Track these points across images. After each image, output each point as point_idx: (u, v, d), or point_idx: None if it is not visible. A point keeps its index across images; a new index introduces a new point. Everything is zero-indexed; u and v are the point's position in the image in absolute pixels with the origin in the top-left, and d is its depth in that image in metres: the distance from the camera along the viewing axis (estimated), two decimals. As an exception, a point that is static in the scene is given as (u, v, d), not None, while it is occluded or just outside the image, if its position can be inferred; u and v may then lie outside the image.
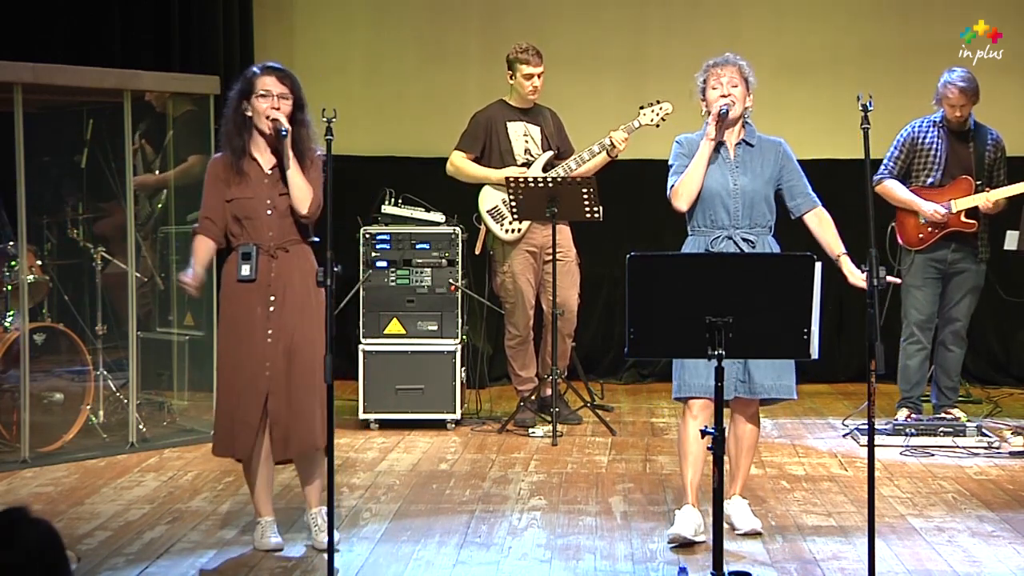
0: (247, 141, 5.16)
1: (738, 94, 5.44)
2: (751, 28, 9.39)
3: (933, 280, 7.62)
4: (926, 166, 7.57)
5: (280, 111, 5.09)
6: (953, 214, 7.49)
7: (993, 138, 7.61)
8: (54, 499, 6.14)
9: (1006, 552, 5.28)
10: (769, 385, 5.36)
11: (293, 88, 5.14)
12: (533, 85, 7.81)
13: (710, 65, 5.51)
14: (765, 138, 5.54)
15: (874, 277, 4.61)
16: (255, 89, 5.13)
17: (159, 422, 7.69)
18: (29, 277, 7.09)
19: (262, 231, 5.14)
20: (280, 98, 5.11)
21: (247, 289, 5.13)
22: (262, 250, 5.13)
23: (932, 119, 7.60)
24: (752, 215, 5.39)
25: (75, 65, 7.36)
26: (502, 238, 7.84)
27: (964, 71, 7.51)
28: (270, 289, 5.13)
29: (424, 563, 5.15)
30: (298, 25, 9.55)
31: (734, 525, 5.45)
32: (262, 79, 5.14)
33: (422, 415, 7.78)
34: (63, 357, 7.33)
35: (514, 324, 7.93)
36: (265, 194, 5.14)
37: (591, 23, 9.37)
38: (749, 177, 5.41)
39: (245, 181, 5.14)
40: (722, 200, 5.38)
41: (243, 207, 5.14)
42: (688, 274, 4.46)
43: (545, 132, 7.92)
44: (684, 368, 5.37)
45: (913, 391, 7.70)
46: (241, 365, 5.13)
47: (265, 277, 5.13)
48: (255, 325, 5.12)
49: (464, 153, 7.93)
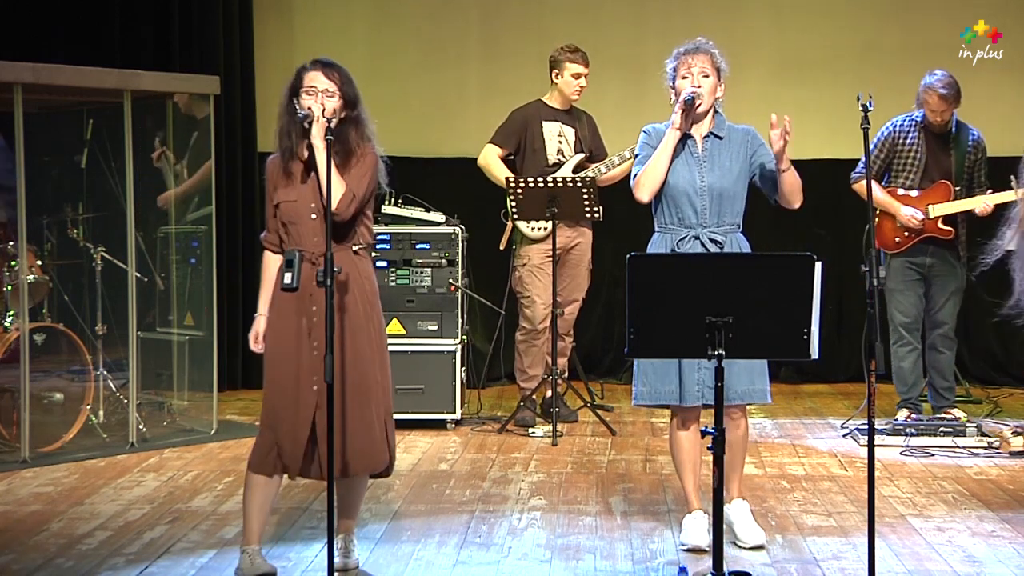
0: (296, 142, 4.85)
1: (708, 85, 5.22)
2: (751, 27, 9.39)
3: (914, 282, 7.59)
4: (905, 167, 7.53)
5: (320, 105, 4.78)
6: (930, 220, 7.46)
7: (974, 139, 7.56)
8: (54, 499, 6.14)
9: (1006, 552, 5.28)
10: (742, 390, 5.19)
11: (341, 83, 4.84)
12: (580, 85, 7.83)
13: (680, 52, 5.28)
14: (735, 128, 5.32)
15: (874, 277, 4.61)
16: (302, 85, 4.83)
17: (159, 422, 7.70)
18: (29, 277, 7.09)
19: (306, 236, 4.83)
20: (325, 94, 4.81)
21: (289, 299, 4.83)
22: (305, 257, 4.82)
23: (914, 118, 7.54)
24: (720, 212, 5.20)
25: (75, 65, 7.36)
26: (529, 235, 7.85)
27: (944, 74, 7.43)
28: (312, 299, 4.80)
29: (424, 563, 5.15)
30: (298, 25, 9.55)
31: (737, 536, 5.28)
32: (309, 74, 4.84)
33: (422, 415, 7.79)
34: (63, 357, 7.33)
35: (527, 318, 7.92)
36: (309, 197, 4.83)
37: (591, 22, 9.37)
38: (718, 173, 5.21)
39: (291, 184, 4.86)
40: (689, 198, 5.19)
41: (287, 211, 4.85)
42: (688, 274, 4.46)
43: (579, 134, 7.94)
44: (650, 374, 5.22)
45: (911, 392, 7.70)
46: (289, 380, 4.83)
47: (307, 286, 4.79)
48: (299, 337, 4.83)
49: (497, 147, 7.93)
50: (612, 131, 8.18)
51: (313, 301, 4.81)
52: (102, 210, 7.83)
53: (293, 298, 4.83)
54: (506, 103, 8.21)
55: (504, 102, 8.32)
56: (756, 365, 5.22)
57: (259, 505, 4.90)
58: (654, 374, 5.24)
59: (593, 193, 7.55)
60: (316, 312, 4.81)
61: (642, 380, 5.28)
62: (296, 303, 4.84)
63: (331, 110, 4.80)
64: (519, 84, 8.70)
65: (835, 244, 8.93)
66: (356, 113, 4.87)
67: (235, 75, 9.20)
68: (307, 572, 5.06)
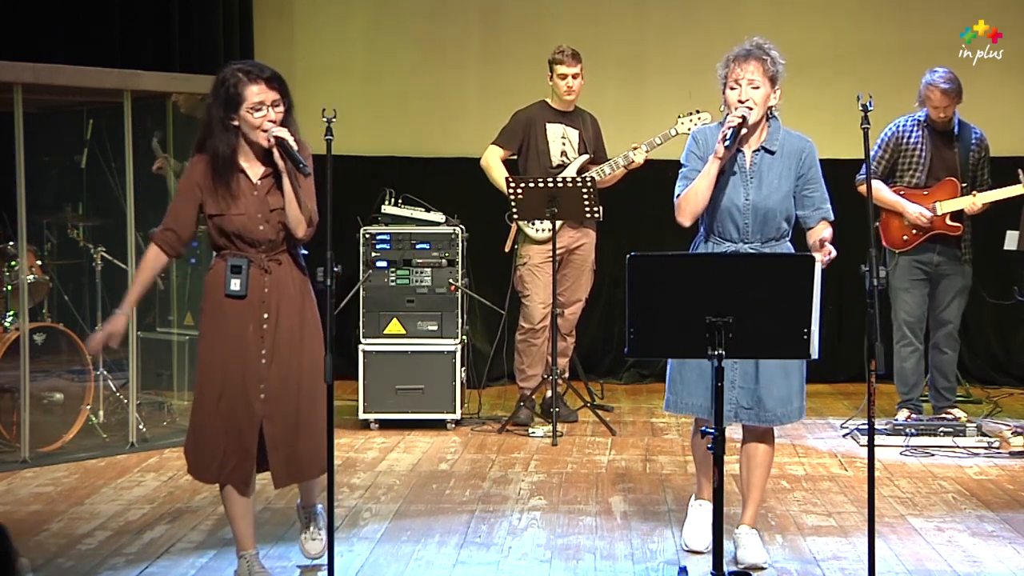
0: (235, 153, 4.70)
1: (758, 97, 4.93)
2: (751, 27, 9.31)
3: (920, 281, 7.59)
4: (910, 166, 7.54)
5: (276, 123, 4.66)
6: (938, 217, 7.46)
7: (977, 137, 7.56)
8: (54, 499, 6.14)
9: (1006, 552, 5.28)
10: (780, 412, 5.04)
11: (283, 91, 4.71)
12: (567, 85, 7.82)
13: (731, 59, 4.98)
14: (790, 138, 5.07)
15: (874, 277, 4.60)
16: (244, 100, 4.65)
17: (159, 422, 7.70)
18: (29, 277, 7.09)
19: (255, 246, 4.73)
20: (272, 107, 4.67)
21: (236, 306, 4.70)
22: (254, 264, 4.71)
23: (916, 118, 7.55)
24: (764, 230, 5.02)
25: (75, 65, 7.36)
26: (533, 237, 7.84)
27: (946, 71, 7.44)
28: (264, 306, 4.71)
29: (424, 563, 5.15)
30: (298, 25, 9.55)
31: (736, 557, 5.08)
32: (250, 88, 4.65)
33: (422, 415, 7.78)
34: (63, 357, 7.33)
35: (527, 317, 7.92)
36: (256, 209, 4.70)
37: (591, 22, 9.37)
38: (764, 192, 4.99)
39: (234, 196, 4.69)
40: (731, 215, 5.01)
41: (233, 223, 4.70)
42: (688, 274, 4.45)
43: (583, 136, 7.94)
44: (679, 384, 5.11)
45: (912, 392, 7.69)
46: (235, 388, 4.70)
47: (258, 293, 4.71)
48: (247, 344, 4.71)
49: (500, 149, 7.93)
50: (612, 131, 8.18)
51: (265, 308, 4.73)
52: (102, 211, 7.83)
53: (241, 305, 4.71)
54: (506, 103, 8.21)
55: (504, 102, 8.33)
56: (795, 386, 5.05)
57: (240, 513, 4.84)
58: (682, 384, 5.10)
59: (593, 193, 7.55)
60: (268, 319, 4.73)
61: (672, 388, 5.15)
62: (246, 310, 4.72)
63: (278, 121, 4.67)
64: (519, 84, 8.70)
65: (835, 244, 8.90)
66: (293, 117, 4.75)
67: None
68: (307, 572, 5.06)
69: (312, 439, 4.74)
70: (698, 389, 5.05)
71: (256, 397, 4.72)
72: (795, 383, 5.06)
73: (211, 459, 4.75)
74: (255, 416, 4.72)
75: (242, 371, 4.72)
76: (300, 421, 4.74)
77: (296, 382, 4.75)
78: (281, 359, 4.73)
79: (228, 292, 4.70)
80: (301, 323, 4.78)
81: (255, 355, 4.73)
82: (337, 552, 4.74)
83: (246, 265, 4.71)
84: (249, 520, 4.87)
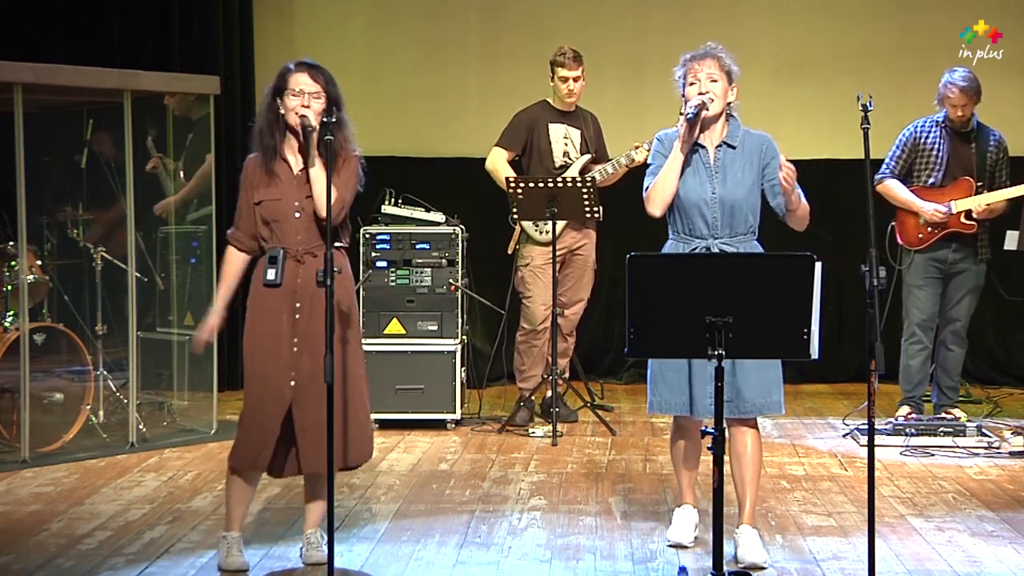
0: (279, 141, 4.93)
1: (717, 90, 5.09)
2: (751, 28, 9.39)
3: (934, 280, 7.61)
4: (927, 166, 7.56)
5: (310, 109, 4.86)
6: (953, 215, 7.48)
7: (995, 139, 7.60)
8: (54, 499, 6.14)
9: (1006, 552, 5.28)
10: (760, 403, 5.08)
11: (327, 86, 4.90)
12: (568, 88, 7.82)
13: (687, 59, 5.17)
14: (750, 135, 5.20)
15: (874, 277, 4.60)
16: (287, 86, 4.89)
17: (159, 422, 7.70)
18: (29, 277, 7.09)
19: (290, 234, 4.91)
20: (312, 96, 4.87)
21: (272, 295, 4.90)
22: (289, 254, 4.90)
23: (935, 119, 7.59)
24: (732, 224, 5.10)
25: (75, 65, 7.36)
26: (536, 238, 7.84)
27: (966, 71, 7.50)
28: (296, 296, 4.89)
29: (424, 563, 5.15)
30: (298, 25, 9.55)
31: (736, 556, 5.08)
32: (295, 76, 4.90)
33: (422, 415, 7.78)
34: (63, 357, 7.33)
35: (528, 318, 7.92)
36: (293, 196, 4.91)
37: (591, 22, 9.37)
38: (730, 185, 5.10)
39: (274, 182, 4.92)
40: (699, 210, 5.10)
41: (271, 209, 4.91)
42: (688, 274, 4.46)
43: (585, 136, 7.94)
44: (661, 384, 5.14)
45: (915, 390, 7.70)
46: (266, 374, 4.90)
47: (291, 283, 4.89)
48: (281, 333, 4.90)
49: (504, 150, 7.92)
50: (612, 131, 8.18)
51: (297, 298, 4.91)
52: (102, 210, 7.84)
53: (277, 295, 4.90)
54: (506, 103, 8.21)
55: (504, 102, 8.33)
56: (772, 376, 5.08)
57: (238, 498, 5.04)
58: (664, 384, 5.15)
59: (593, 193, 7.55)
60: (300, 309, 4.90)
61: (653, 390, 5.19)
62: (280, 300, 4.90)
63: (317, 112, 4.87)
64: (519, 84, 8.70)
65: (835, 244, 8.93)
66: (340, 115, 4.91)
67: (235, 75, 9.20)
68: (307, 572, 5.06)
69: (356, 427, 4.95)
70: (681, 387, 5.10)
71: (287, 384, 4.89)
72: (772, 374, 5.10)
73: (245, 445, 4.94)
74: (283, 402, 4.89)
75: (275, 358, 4.90)
76: (347, 409, 4.92)
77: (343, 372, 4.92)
78: (313, 349, 4.86)
79: (265, 282, 4.91)
80: (340, 315, 4.90)
81: (287, 343, 4.91)
82: (337, 552, 4.75)
83: (281, 255, 4.90)
84: (244, 506, 5.07)
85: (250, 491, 5.06)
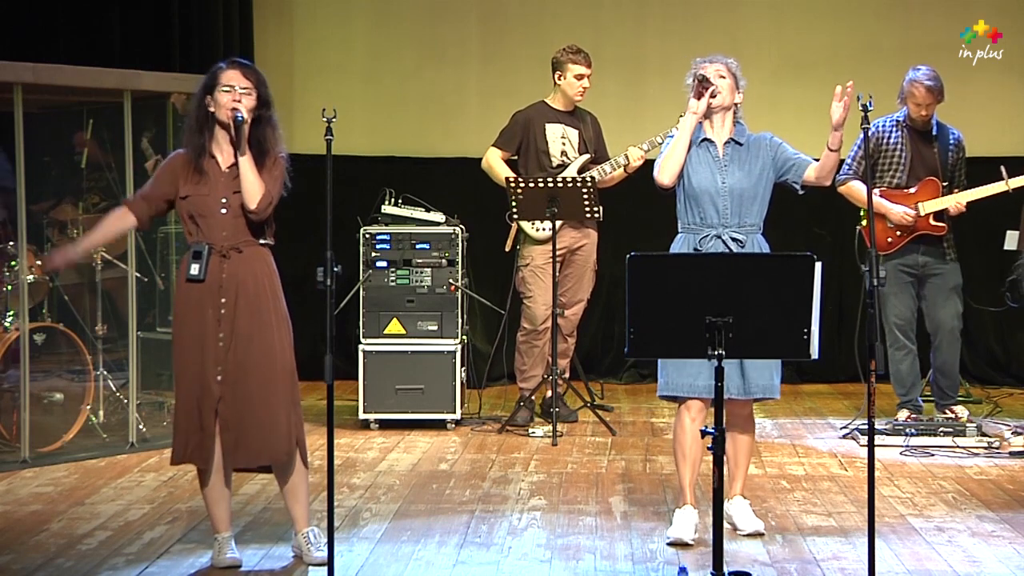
0: (207, 139, 4.98)
1: (725, 86, 5.39)
2: (751, 28, 9.40)
3: (907, 284, 7.53)
4: (891, 167, 7.51)
5: (241, 103, 4.92)
6: (922, 217, 7.44)
7: (955, 138, 7.54)
8: (54, 499, 6.14)
9: (1006, 552, 5.28)
10: (764, 385, 5.34)
11: (257, 84, 4.99)
12: (583, 86, 7.82)
13: (698, 63, 5.48)
14: (754, 136, 5.48)
15: (874, 277, 4.61)
16: (218, 83, 4.95)
17: (159, 422, 7.69)
18: (29, 277, 7.09)
19: (215, 230, 4.95)
20: (243, 92, 4.94)
21: (197, 290, 4.95)
22: (214, 250, 4.95)
23: (895, 118, 7.52)
24: (741, 213, 5.34)
25: (75, 65, 7.36)
26: (534, 236, 7.84)
27: (929, 69, 7.42)
28: (221, 291, 4.94)
29: (424, 563, 5.15)
30: (298, 25, 9.56)
31: (736, 526, 5.44)
32: (226, 72, 4.97)
33: (422, 415, 7.78)
34: (63, 357, 7.33)
35: (528, 318, 7.92)
36: (220, 192, 4.96)
37: (591, 23, 9.37)
38: (739, 175, 5.36)
39: (203, 179, 4.97)
40: (711, 198, 5.34)
41: (197, 204, 4.96)
42: (688, 274, 4.46)
43: (583, 136, 7.93)
44: (671, 365, 5.33)
45: (911, 393, 7.67)
46: (194, 370, 4.97)
47: (216, 278, 4.94)
48: (206, 328, 4.96)
49: (499, 151, 7.92)
50: (612, 131, 8.17)
51: (223, 293, 4.96)
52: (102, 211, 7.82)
53: (202, 290, 4.96)
54: (506, 103, 8.21)
55: (504, 102, 8.33)
56: (772, 360, 5.32)
57: (214, 498, 5.08)
58: (672, 365, 5.33)
59: (593, 193, 7.55)
60: (226, 304, 4.96)
61: (663, 371, 5.37)
62: (205, 295, 4.96)
63: (248, 108, 4.94)
64: (519, 84, 8.71)
65: (835, 244, 8.92)
66: (270, 114, 5.01)
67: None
68: (307, 572, 5.06)
69: (261, 427, 4.95)
70: (687, 367, 5.26)
71: (214, 379, 4.96)
72: (772, 360, 5.33)
73: (181, 442, 5.04)
74: (213, 397, 4.96)
75: (201, 353, 4.97)
76: (248, 399, 4.94)
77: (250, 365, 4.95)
78: (239, 344, 4.95)
79: (188, 276, 4.97)
80: (258, 309, 4.97)
81: (213, 338, 4.97)
82: (337, 552, 4.75)
83: (206, 251, 4.96)
84: (224, 505, 5.10)
85: (221, 490, 5.07)
